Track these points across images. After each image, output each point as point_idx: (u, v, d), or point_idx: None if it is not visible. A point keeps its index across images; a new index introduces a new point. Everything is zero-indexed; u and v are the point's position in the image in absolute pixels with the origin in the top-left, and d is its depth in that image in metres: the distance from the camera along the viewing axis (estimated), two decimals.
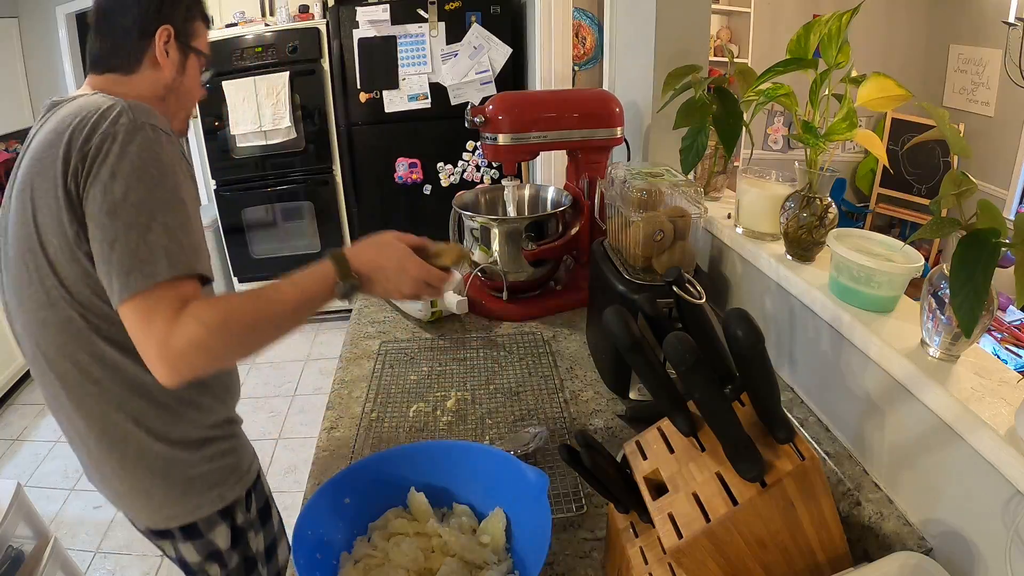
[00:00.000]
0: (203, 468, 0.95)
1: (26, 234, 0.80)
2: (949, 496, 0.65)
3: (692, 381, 0.53)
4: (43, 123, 0.84)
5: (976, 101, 3.25)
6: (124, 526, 2.26)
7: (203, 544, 0.99)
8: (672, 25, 1.28)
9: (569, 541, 0.79)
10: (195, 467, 0.94)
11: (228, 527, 1.00)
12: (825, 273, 0.86)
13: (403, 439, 0.99)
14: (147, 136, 0.76)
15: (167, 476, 0.92)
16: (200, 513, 0.96)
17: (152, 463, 0.91)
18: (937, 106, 0.89)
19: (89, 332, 0.83)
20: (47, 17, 3.73)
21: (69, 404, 0.88)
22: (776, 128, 3.66)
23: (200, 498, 0.96)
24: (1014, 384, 0.64)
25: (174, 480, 0.93)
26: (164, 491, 0.93)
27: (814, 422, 0.88)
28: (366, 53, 3.08)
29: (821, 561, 0.59)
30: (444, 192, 3.34)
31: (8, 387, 3.12)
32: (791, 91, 0.95)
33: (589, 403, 1.06)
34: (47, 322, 0.83)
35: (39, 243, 0.79)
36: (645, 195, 1.01)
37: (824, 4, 3.25)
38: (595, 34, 2.87)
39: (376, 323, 1.36)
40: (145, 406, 0.88)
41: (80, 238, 0.76)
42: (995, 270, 0.59)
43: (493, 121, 1.29)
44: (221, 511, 0.98)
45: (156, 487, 0.93)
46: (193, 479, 0.95)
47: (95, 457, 0.93)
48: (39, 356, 0.87)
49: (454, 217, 1.38)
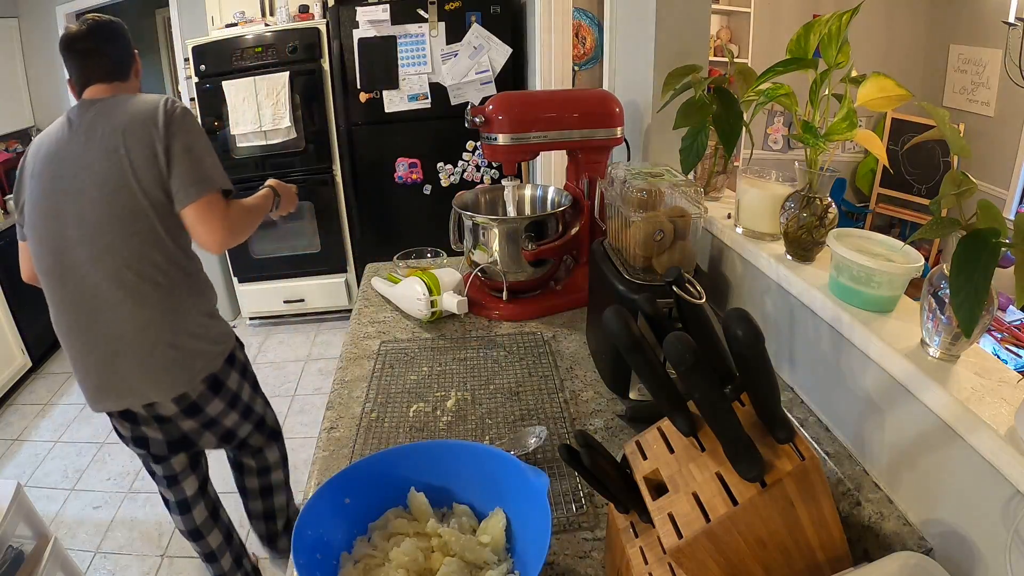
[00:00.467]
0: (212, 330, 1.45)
1: (120, 175, 1.26)
2: (949, 496, 0.65)
3: (692, 381, 0.53)
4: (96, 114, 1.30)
5: (976, 101, 3.25)
6: (124, 526, 2.27)
7: (225, 390, 1.49)
8: (672, 25, 1.28)
9: (569, 541, 0.79)
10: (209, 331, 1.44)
11: (235, 371, 1.52)
12: (825, 273, 0.86)
13: (403, 439, 0.99)
14: (189, 111, 1.35)
15: (199, 336, 1.41)
16: (215, 365, 1.44)
17: (189, 332, 1.38)
18: (937, 106, 0.89)
19: (165, 237, 1.32)
20: (47, 17, 3.73)
21: (131, 304, 1.30)
22: (776, 128, 3.66)
23: (216, 347, 1.45)
24: (1014, 384, 0.64)
25: (203, 342, 1.41)
26: (196, 351, 1.40)
27: (814, 422, 0.88)
28: (366, 53, 3.08)
29: (821, 561, 0.59)
30: (444, 192, 3.34)
31: (8, 387, 3.13)
32: (791, 91, 0.95)
33: (589, 403, 1.06)
34: (137, 232, 1.28)
35: (135, 179, 1.26)
36: (645, 195, 1.01)
37: (824, 4, 3.26)
38: (595, 34, 2.87)
39: (376, 323, 1.36)
40: (186, 291, 1.38)
41: (166, 171, 1.28)
42: (995, 270, 0.59)
43: (493, 121, 1.29)
44: (227, 358, 1.48)
45: (194, 352, 1.39)
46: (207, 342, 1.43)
47: (139, 341, 1.33)
48: (120, 267, 1.29)
49: (454, 217, 1.38)
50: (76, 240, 1.28)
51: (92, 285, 1.29)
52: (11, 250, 3.18)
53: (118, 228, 1.27)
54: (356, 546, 0.75)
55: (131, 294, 1.30)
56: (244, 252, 3.52)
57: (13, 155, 3.63)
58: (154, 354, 1.33)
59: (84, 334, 1.33)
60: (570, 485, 0.87)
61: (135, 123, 1.27)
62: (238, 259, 3.56)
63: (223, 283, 3.71)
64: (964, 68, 3.31)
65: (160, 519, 2.29)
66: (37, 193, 1.30)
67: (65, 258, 1.30)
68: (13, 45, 3.73)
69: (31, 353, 3.32)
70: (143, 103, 1.31)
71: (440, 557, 0.72)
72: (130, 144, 1.26)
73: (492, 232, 1.30)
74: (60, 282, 1.32)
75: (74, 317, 1.33)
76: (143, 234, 1.29)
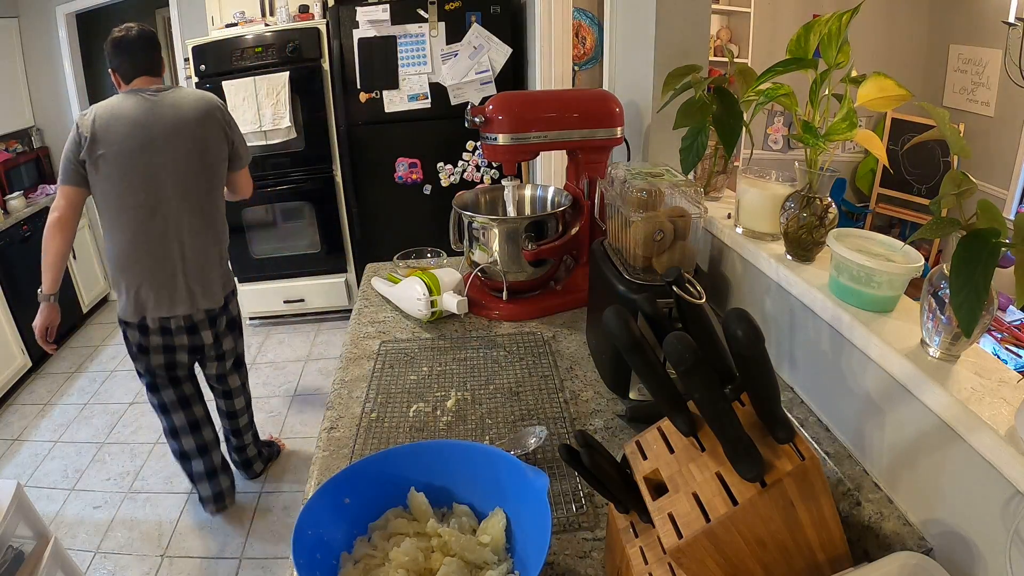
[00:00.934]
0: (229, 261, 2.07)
1: (204, 144, 1.84)
2: (949, 496, 0.65)
3: (692, 381, 0.53)
4: (173, 96, 1.82)
5: (976, 101, 3.25)
6: (124, 526, 2.27)
7: (230, 311, 2.07)
8: (672, 25, 1.28)
9: (569, 541, 0.79)
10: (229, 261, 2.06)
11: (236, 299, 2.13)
12: (825, 273, 0.86)
13: (403, 439, 0.99)
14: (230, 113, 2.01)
15: (228, 261, 2.05)
16: (231, 287, 2.08)
17: (225, 258, 2.03)
18: (937, 106, 0.89)
19: (219, 192, 1.95)
20: (47, 17, 3.73)
21: (203, 226, 1.89)
22: (776, 128, 3.66)
23: (231, 274, 2.08)
24: (1014, 384, 0.64)
25: (228, 267, 2.05)
26: (227, 273, 2.04)
27: (814, 422, 0.88)
28: (366, 53, 3.08)
29: (821, 561, 0.59)
30: (444, 192, 3.34)
31: (8, 387, 3.13)
32: (791, 91, 0.95)
33: (589, 403, 1.06)
34: (211, 182, 1.90)
35: (212, 148, 1.87)
36: (645, 195, 1.01)
37: (824, 4, 3.25)
38: (595, 34, 2.87)
39: (376, 323, 1.36)
40: (225, 228, 2.01)
41: (231, 149, 1.95)
42: (995, 270, 0.59)
43: (493, 121, 1.29)
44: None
45: (226, 273, 2.04)
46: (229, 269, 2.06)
47: (201, 259, 1.90)
48: (196, 209, 1.85)
49: (454, 217, 1.38)
50: (170, 184, 1.79)
51: (177, 215, 1.82)
52: (11, 250, 3.23)
53: (201, 178, 1.86)
54: (356, 546, 0.75)
55: (207, 224, 1.89)
56: (244, 252, 3.52)
57: (13, 155, 3.63)
58: (208, 270, 1.91)
59: (156, 253, 1.81)
60: (570, 485, 0.87)
61: (209, 114, 1.86)
62: (238, 259, 3.55)
63: None
64: (964, 68, 3.31)
65: (160, 519, 2.29)
66: (131, 146, 1.74)
67: (160, 194, 1.79)
68: (13, 45, 3.73)
69: (31, 353, 3.31)
70: (204, 98, 1.88)
71: (440, 557, 0.72)
72: (208, 126, 1.85)
73: (492, 232, 1.30)
74: (149, 213, 1.78)
75: (154, 241, 1.81)
76: (213, 184, 1.91)
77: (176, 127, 1.79)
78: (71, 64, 3.80)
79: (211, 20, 3.31)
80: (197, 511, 2.30)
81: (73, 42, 3.81)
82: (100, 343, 3.75)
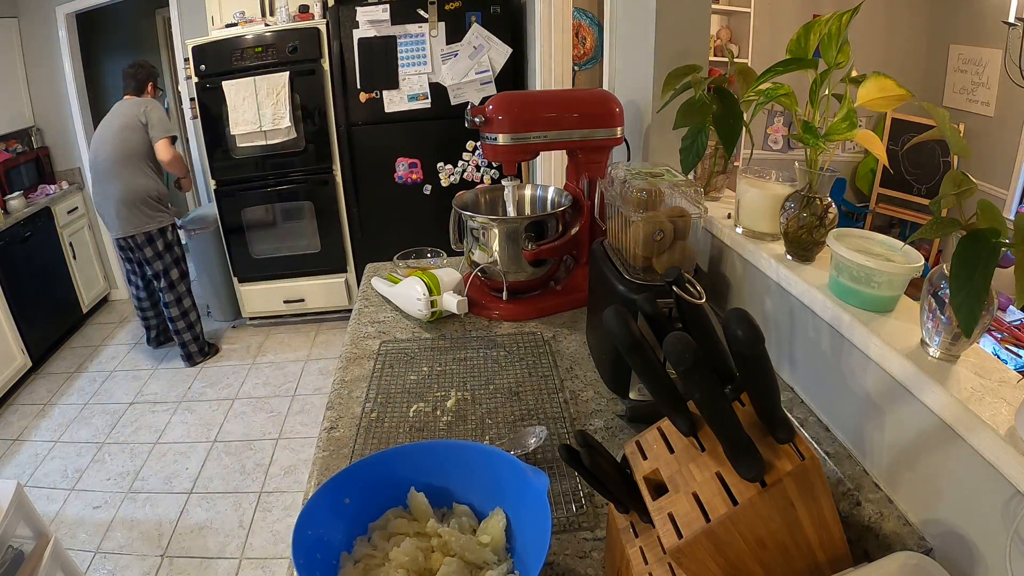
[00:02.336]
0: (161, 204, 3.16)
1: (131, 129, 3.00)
2: (949, 496, 0.65)
3: (692, 381, 0.53)
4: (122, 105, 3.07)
5: (976, 101, 3.25)
6: (124, 526, 2.27)
7: (155, 245, 3.14)
8: (672, 25, 1.28)
9: (569, 541, 0.79)
10: (160, 203, 3.14)
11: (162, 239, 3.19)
12: (825, 273, 0.86)
13: (403, 439, 0.99)
14: (158, 104, 3.15)
15: (151, 207, 3.09)
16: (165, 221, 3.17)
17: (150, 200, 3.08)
18: (937, 106, 0.89)
19: (147, 155, 3.06)
20: (47, 17, 3.73)
21: (130, 177, 3.00)
22: (776, 128, 3.66)
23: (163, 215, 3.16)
24: (1014, 384, 0.64)
25: (153, 208, 3.11)
26: (152, 211, 3.10)
27: (814, 422, 0.88)
28: (366, 53, 3.08)
29: (821, 561, 0.59)
30: (444, 192, 3.34)
31: (8, 387, 3.13)
32: (791, 91, 0.95)
33: (589, 403, 1.06)
34: (134, 153, 3.01)
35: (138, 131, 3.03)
36: (645, 195, 1.01)
37: (824, 4, 3.25)
38: (595, 34, 2.87)
39: (376, 323, 1.36)
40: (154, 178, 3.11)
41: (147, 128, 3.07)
42: (995, 270, 0.59)
43: (493, 121, 1.29)
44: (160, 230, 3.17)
45: (151, 211, 3.09)
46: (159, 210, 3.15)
47: (127, 203, 3.02)
48: (126, 168, 2.99)
49: (454, 217, 1.38)
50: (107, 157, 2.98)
51: (114, 174, 2.96)
52: (11, 250, 3.23)
53: (127, 150, 2.97)
54: (356, 546, 0.75)
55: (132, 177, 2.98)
56: (244, 252, 3.52)
57: (13, 155, 3.63)
58: (133, 208, 3.01)
59: (103, 193, 3.04)
60: (570, 485, 0.87)
61: (126, 117, 2.98)
62: (238, 259, 3.56)
63: (223, 283, 3.71)
64: (964, 68, 3.31)
65: (160, 519, 2.29)
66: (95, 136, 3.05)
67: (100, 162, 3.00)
68: (13, 45, 3.73)
69: (31, 353, 3.32)
70: (134, 103, 2.99)
71: (440, 557, 0.72)
72: (130, 115, 2.96)
73: (492, 232, 1.30)
74: (94, 171, 3.05)
75: (102, 186, 3.03)
76: (138, 155, 3.00)
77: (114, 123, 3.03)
78: (71, 64, 3.80)
79: (211, 20, 3.31)
80: (197, 511, 2.30)
81: (73, 42, 3.81)
82: (100, 343, 3.75)
